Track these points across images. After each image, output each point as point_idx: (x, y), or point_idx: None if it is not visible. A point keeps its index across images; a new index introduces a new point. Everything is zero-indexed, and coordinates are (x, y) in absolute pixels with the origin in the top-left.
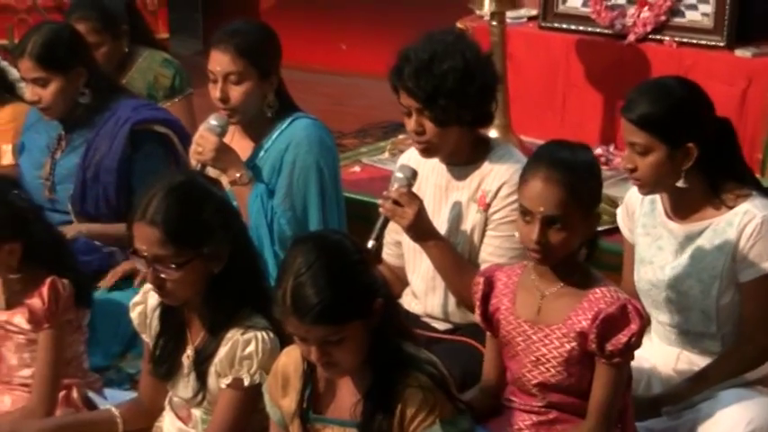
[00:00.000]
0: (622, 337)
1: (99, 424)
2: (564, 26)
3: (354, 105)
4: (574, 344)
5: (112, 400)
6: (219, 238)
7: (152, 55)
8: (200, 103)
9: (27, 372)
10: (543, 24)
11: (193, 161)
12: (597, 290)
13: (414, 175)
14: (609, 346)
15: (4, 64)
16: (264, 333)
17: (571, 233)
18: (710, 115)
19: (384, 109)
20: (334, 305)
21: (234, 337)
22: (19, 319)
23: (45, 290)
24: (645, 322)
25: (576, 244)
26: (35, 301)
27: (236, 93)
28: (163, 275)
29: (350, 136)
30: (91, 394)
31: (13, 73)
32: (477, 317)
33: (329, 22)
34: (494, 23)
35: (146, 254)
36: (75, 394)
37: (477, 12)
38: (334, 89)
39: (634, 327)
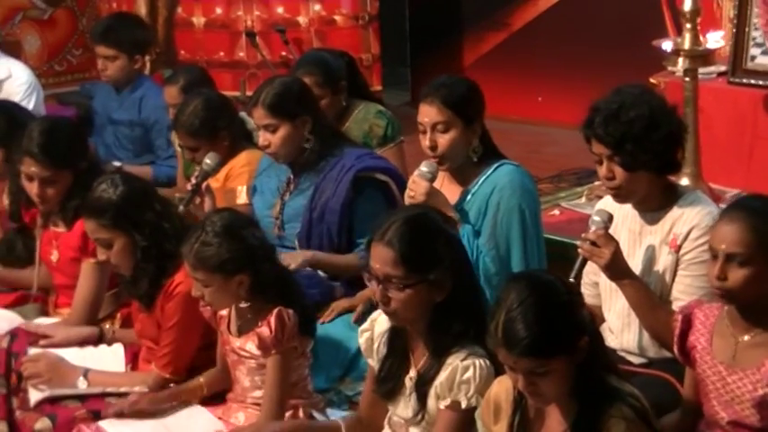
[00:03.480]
0: None
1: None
2: (752, 81)
3: (548, 153)
4: (767, 390)
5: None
6: (445, 268)
7: (367, 107)
8: (410, 150)
9: (258, 393)
10: (732, 80)
11: (407, 204)
12: None
13: (610, 218)
14: None
15: (243, 114)
16: (482, 360)
17: (754, 273)
18: None
19: (576, 156)
20: (541, 340)
21: (454, 362)
22: (250, 345)
23: (272, 319)
24: None
25: (764, 288)
26: (263, 330)
27: (443, 140)
28: (390, 294)
29: (545, 181)
30: (315, 413)
31: (251, 123)
32: (675, 351)
33: (526, 77)
34: (687, 79)
35: (378, 272)
36: (300, 413)
37: (671, 68)
38: (530, 137)
39: None
